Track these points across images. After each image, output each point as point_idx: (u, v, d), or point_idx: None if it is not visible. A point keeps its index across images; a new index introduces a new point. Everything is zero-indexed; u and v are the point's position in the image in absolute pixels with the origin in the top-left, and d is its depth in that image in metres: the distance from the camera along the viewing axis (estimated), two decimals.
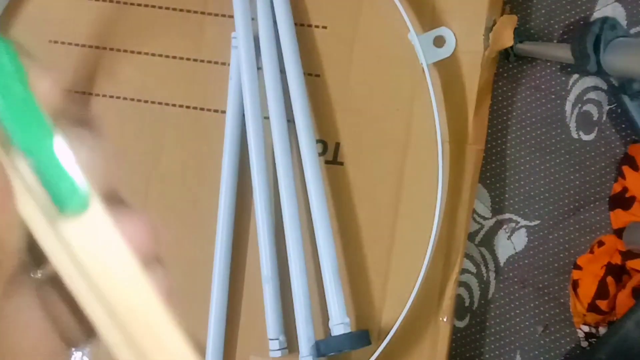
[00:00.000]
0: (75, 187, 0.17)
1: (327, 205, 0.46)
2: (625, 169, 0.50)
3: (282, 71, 0.48)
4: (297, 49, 0.47)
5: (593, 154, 0.52)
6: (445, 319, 0.47)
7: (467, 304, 0.52)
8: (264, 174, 0.47)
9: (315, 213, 0.45)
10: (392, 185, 0.48)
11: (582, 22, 0.52)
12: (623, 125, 0.51)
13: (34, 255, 0.18)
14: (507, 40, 0.48)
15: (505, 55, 0.52)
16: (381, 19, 0.48)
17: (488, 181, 0.52)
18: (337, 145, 0.49)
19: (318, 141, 0.48)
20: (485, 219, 0.52)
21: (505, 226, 0.52)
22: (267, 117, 0.47)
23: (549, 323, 0.51)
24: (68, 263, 0.18)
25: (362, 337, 0.44)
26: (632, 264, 0.49)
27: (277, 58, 0.48)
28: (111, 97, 0.51)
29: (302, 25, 0.49)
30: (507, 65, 0.52)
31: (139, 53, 0.51)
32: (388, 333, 0.45)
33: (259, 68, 0.48)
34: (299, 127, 0.46)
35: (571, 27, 0.52)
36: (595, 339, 0.50)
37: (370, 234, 0.48)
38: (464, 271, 0.52)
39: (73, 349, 0.50)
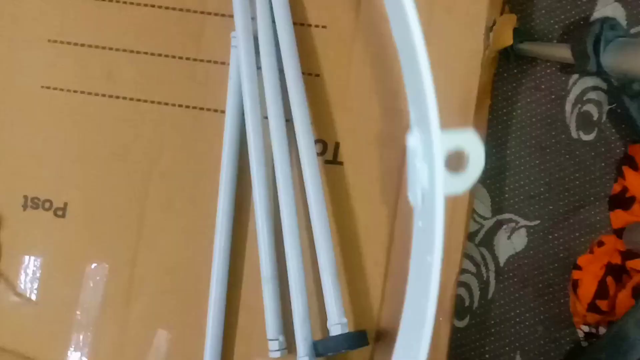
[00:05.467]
0: None
1: (327, 205, 0.46)
2: (625, 169, 0.50)
3: (282, 71, 0.48)
4: (295, 48, 0.47)
5: (593, 154, 0.51)
6: (445, 319, 0.47)
7: (467, 304, 0.52)
8: (264, 174, 0.47)
9: (313, 213, 0.45)
10: (392, 185, 0.48)
11: (582, 22, 0.52)
12: (623, 125, 0.51)
13: None
14: (507, 40, 0.48)
15: (505, 55, 0.52)
16: (381, 18, 0.48)
17: (488, 181, 0.52)
18: (337, 145, 0.49)
19: (318, 141, 0.48)
20: (485, 218, 0.52)
21: (505, 226, 0.52)
22: (267, 117, 0.47)
23: (549, 323, 0.51)
24: None
25: (360, 337, 0.44)
26: (632, 264, 0.49)
27: (277, 58, 0.48)
28: (110, 97, 0.51)
29: (301, 25, 0.49)
30: (507, 65, 0.52)
31: (139, 53, 0.51)
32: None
33: (259, 68, 0.48)
34: (297, 126, 0.46)
35: (571, 27, 0.52)
36: (595, 339, 0.50)
37: (369, 234, 0.48)
38: (464, 271, 0.52)
39: (72, 349, 0.50)
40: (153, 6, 0.51)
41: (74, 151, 0.51)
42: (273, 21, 0.48)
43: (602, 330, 0.49)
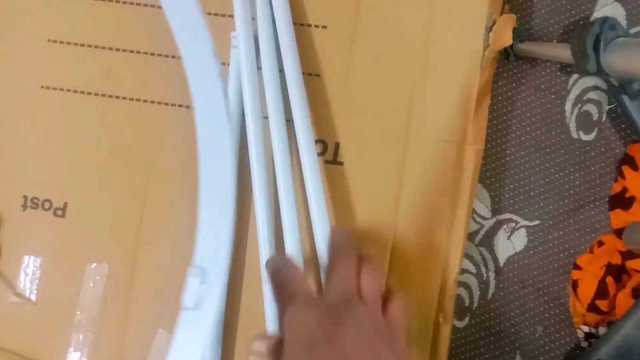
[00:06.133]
0: None
1: (327, 205, 0.46)
2: (625, 169, 0.50)
3: (282, 71, 0.48)
4: (295, 48, 0.47)
5: (593, 154, 0.51)
6: (445, 319, 0.47)
7: (467, 304, 0.52)
8: (264, 174, 0.47)
9: (314, 213, 0.45)
10: (392, 185, 0.48)
11: (582, 22, 0.51)
12: (623, 125, 0.51)
13: None
14: (507, 39, 0.48)
15: (505, 55, 0.52)
16: (381, 18, 0.48)
17: (488, 181, 0.52)
18: (337, 145, 0.49)
19: (318, 141, 0.48)
20: (485, 218, 0.52)
21: (505, 226, 0.52)
22: (267, 117, 0.47)
23: (549, 323, 0.51)
24: None
25: None
26: (632, 264, 0.49)
27: (277, 58, 0.48)
28: (110, 96, 0.51)
29: (302, 25, 0.49)
30: (507, 65, 0.52)
31: (139, 53, 0.51)
32: None
33: (259, 68, 0.48)
34: (297, 126, 0.46)
35: (571, 27, 0.52)
36: (595, 339, 0.50)
37: (370, 234, 0.48)
38: (463, 271, 0.52)
39: (71, 349, 0.50)
40: (153, 6, 0.51)
41: (73, 151, 0.51)
42: (273, 21, 0.48)
43: (602, 330, 0.49)
